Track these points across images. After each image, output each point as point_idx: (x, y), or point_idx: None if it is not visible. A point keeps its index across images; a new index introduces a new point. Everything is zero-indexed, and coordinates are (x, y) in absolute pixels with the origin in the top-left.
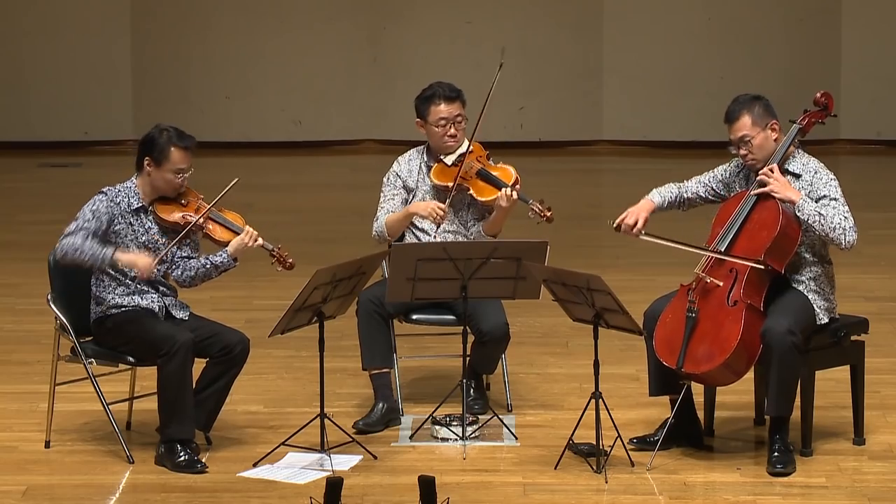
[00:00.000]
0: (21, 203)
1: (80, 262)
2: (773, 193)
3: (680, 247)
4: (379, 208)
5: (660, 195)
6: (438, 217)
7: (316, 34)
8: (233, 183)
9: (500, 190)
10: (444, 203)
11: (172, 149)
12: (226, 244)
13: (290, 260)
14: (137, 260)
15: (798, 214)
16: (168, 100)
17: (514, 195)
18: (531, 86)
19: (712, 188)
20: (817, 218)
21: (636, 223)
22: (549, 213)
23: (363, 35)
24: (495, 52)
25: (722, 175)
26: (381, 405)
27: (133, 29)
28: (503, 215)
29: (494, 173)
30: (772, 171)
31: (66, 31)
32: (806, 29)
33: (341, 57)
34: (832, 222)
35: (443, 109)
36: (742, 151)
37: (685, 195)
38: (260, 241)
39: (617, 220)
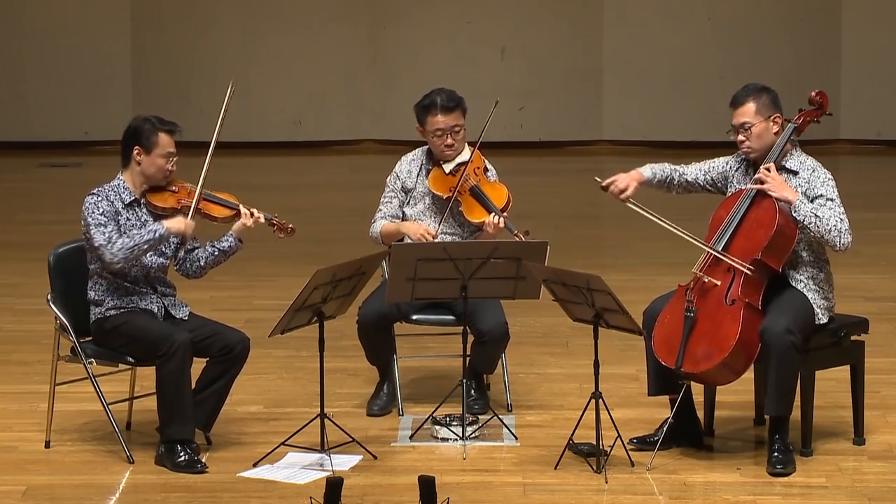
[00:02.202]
0: (21, 203)
1: (141, 253)
2: (769, 192)
3: (663, 224)
4: (377, 210)
5: (651, 170)
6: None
7: (316, 34)
8: (212, 148)
9: (488, 214)
10: (442, 212)
11: (160, 133)
12: (225, 221)
13: (290, 225)
14: (182, 223)
15: (794, 215)
16: (168, 100)
17: (501, 223)
18: (531, 86)
19: (712, 178)
20: (813, 219)
21: (626, 189)
22: None
23: (363, 35)
24: (495, 52)
25: (723, 167)
26: (387, 385)
27: (133, 29)
28: (491, 237)
29: (487, 193)
30: (769, 169)
31: (66, 31)
32: (806, 29)
33: (341, 57)
34: (828, 224)
35: (440, 121)
36: (740, 137)
37: (682, 178)
38: (260, 216)
39: (606, 181)
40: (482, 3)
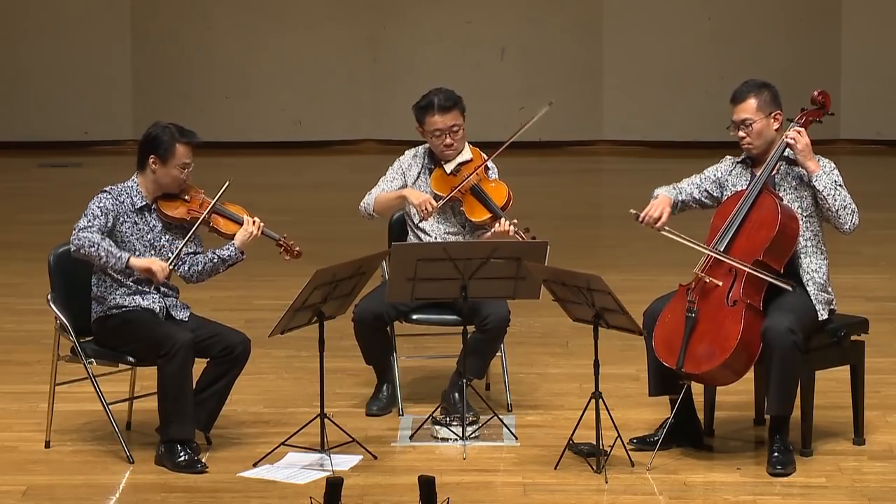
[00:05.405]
0: (21, 203)
1: (95, 257)
2: (796, 152)
3: (696, 246)
4: (376, 185)
5: (666, 192)
6: (426, 212)
7: (316, 34)
8: (227, 184)
9: (490, 213)
10: (443, 207)
11: (177, 145)
12: (232, 236)
13: (297, 248)
14: (152, 265)
15: (814, 184)
16: (168, 100)
17: (511, 230)
18: (531, 86)
19: (706, 189)
20: (833, 191)
21: (661, 217)
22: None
23: (363, 35)
24: (495, 52)
25: (714, 175)
26: (386, 386)
27: (133, 29)
28: (497, 237)
29: (487, 192)
30: (799, 133)
31: (66, 31)
32: (806, 29)
33: (341, 57)
34: (845, 200)
35: (437, 121)
36: (741, 134)
37: (679, 197)
38: (261, 225)
39: (643, 214)
40: (482, 3)
